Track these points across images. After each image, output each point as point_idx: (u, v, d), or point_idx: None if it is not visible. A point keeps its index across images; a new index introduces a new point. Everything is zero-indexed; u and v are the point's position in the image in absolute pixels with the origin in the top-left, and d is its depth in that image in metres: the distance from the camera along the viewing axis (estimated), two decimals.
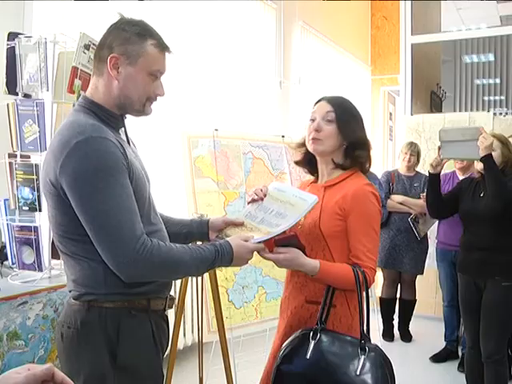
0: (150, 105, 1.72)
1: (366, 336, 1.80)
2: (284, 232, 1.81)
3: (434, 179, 3.52)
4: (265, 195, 1.98)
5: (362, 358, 1.73)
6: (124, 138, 1.74)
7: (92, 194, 1.51)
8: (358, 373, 1.70)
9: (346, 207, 1.93)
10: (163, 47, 1.68)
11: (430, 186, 3.58)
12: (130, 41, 1.61)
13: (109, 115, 1.66)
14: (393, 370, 1.76)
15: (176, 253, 1.61)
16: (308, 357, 1.78)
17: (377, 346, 1.80)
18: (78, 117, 1.62)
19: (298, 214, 1.84)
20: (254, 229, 1.88)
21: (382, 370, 1.72)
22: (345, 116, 2.01)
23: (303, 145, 2.11)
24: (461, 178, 4.24)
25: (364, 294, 1.87)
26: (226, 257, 1.70)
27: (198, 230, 1.99)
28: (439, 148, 3.40)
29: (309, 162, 2.16)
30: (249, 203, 2.02)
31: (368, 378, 1.70)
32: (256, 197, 1.98)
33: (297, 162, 2.21)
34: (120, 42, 1.61)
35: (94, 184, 1.50)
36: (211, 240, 1.93)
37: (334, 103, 2.03)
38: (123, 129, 1.76)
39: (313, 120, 2.03)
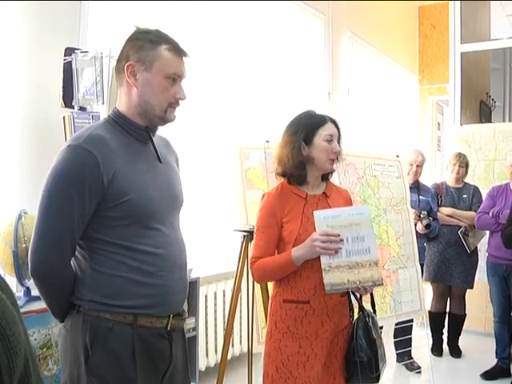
0: (172, 110, 1.74)
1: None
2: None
3: None
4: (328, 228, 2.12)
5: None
6: (152, 151, 1.76)
7: (43, 193, 1.60)
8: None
9: None
10: (178, 51, 1.71)
11: None
12: (144, 48, 1.67)
13: (134, 127, 1.71)
14: None
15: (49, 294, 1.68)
16: (374, 337, 2.23)
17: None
18: (97, 126, 1.71)
19: (370, 227, 2.10)
20: (354, 265, 2.09)
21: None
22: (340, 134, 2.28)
23: (301, 165, 2.24)
24: None
25: None
26: None
27: None
28: None
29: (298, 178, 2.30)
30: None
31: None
32: (336, 247, 2.10)
33: (290, 182, 2.31)
34: (134, 50, 1.67)
35: (48, 184, 1.60)
36: None
37: (336, 125, 2.27)
38: (151, 143, 1.76)
39: (330, 140, 2.22)
